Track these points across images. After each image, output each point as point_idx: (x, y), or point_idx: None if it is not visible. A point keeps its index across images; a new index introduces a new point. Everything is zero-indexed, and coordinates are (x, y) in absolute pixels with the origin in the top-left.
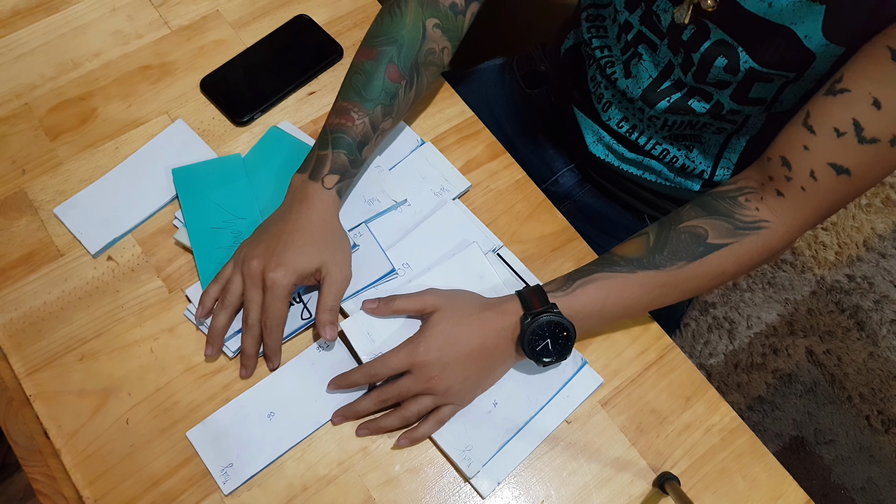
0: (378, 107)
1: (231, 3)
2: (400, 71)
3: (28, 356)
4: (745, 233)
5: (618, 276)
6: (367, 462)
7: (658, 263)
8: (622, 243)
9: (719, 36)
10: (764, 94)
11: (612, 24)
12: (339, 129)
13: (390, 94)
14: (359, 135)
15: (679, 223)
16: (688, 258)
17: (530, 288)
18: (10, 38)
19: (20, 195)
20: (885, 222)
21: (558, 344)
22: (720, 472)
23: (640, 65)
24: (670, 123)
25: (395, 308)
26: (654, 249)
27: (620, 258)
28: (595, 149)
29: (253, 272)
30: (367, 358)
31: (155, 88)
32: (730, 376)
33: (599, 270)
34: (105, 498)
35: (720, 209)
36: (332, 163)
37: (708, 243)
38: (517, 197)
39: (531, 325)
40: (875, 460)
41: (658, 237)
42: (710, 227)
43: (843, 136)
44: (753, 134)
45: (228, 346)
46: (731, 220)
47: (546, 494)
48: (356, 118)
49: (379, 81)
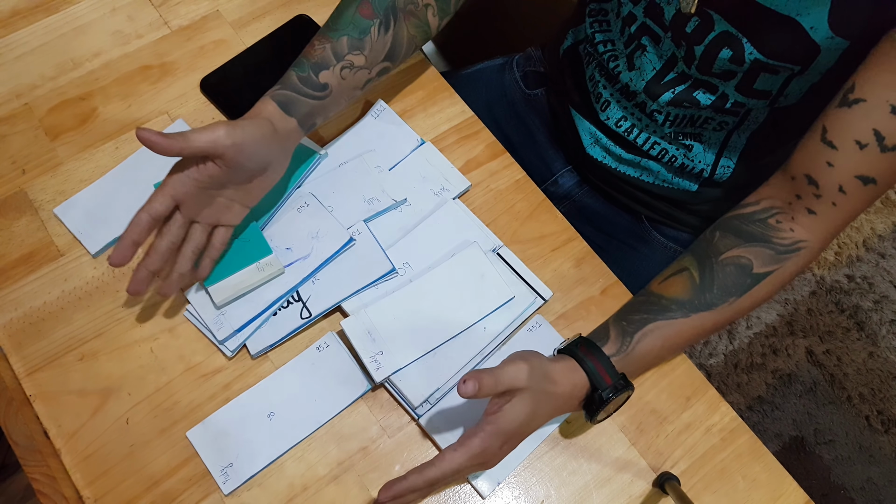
0: (344, 37)
1: (231, 3)
2: (374, 8)
3: (28, 356)
4: (788, 256)
5: (673, 322)
6: (367, 462)
7: (710, 303)
8: (663, 282)
9: (724, 27)
10: (769, 87)
11: (616, 18)
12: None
13: (359, 29)
14: (316, 57)
15: (718, 255)
16: (737, 293)
17: (592, 354)
18: (10, 38)
19: (20, 195)
20: (885, 222)
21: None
22: (720, 472)
23: (644, 56)
24: (672, 117)
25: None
26: (704, 288)
27: (671, 302)
28: (592, 150)
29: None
30: (367, 358)
31: (155, 88)
32: (730, 376)
33: (653, 319)
34: (105, 498)
35: (756, 234)
36: (283, 80)
37: (755, 274)
38: (517, 197)
39: (607, 401)
40: (875, 460)
41: (703, 274)
42: (753, 255)
43: (865, 148)
44: (754, 129)
45: (227, 345)
46: (770, 245)
47: (546, 494)
48: (316, 44)
49: (349, 15)
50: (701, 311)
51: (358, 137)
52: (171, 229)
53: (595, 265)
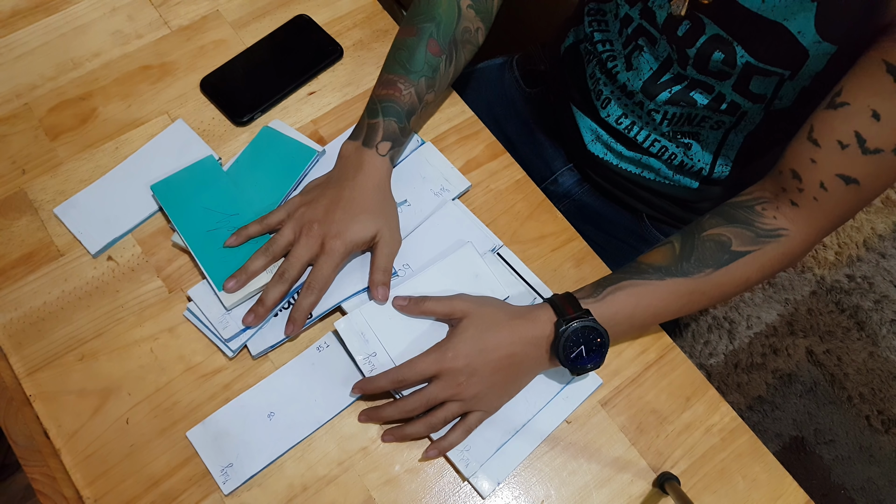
0: (422, 78)
1: (231, 3)
2: (440, 45)
3: (28, 356)
4: (767, 240)
5: (647, 283)
6: (367, 462)
7: (686, 271)
8: (647, 252)
9: (714, 31)
10: (763, 90)
11: (614, 19)
12: (387, 99)
13: (432, 67)
14: (406, 104)
15: (702, 231)
16: (714, 266)
17: (561, 295)
18: (10, 38)
19: (20, 195)
20: (885, 222)
21: (592, 351)
22: (720, 472)
23: (641, 56)
24: (669, 116)
25: (424, 309)
26: (681, 257)
27: (648, 266)
28: (593, 147)
29: (312, 234)
30: (361, 358)
31: (155, 88)
32: (730, 376)
33: (628, 278)
34: (105, 498)
35: (740, 218)
36: (385, 130)
37: (732, 251)
38: (517, 197)
39: (566, 332)
40: (875, 460)
41: (683, 246)
42: (733, 235)
43: (847, 148)
44: (751, 130)
45: (229, 345)
46: (751, 228)
47: (546, 494)
48: (403, 89)
49: (421, 55)
50: (675, 277)
51: None
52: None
53: (595, 265)
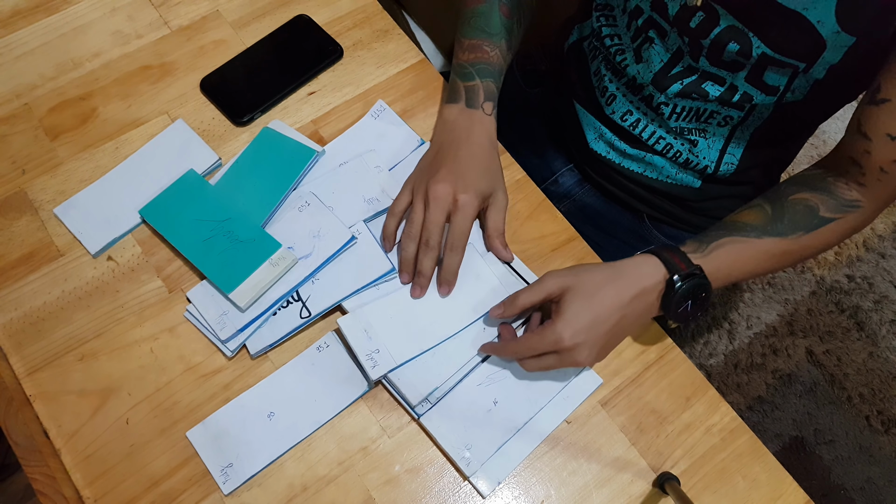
0: (503, 40)
1: (231, 3)
2: (509, 8)
3: (28, 356)
4: (849, 209)
5: (746, 241)
6: (367, 462)
7: (781, 232)
8: (737, 212)
9: (730, 22)
10: (777, 83)
11: (622, 13)
12: (479, 62)
13: (507, 29)
14: (497, 65)
15: (788, 196)
16: (805, 229)
17: (668, 249)
18: (10, 38)
19: (20, 195)
20: (885, 222)
21: (696, 304)
22: (720, 472)
23: (652, 48)
24: (679, 110)
25: (521, 304)
26: (776, 219)
27: (745, 224)
28: (596, 145)
29: (440, 194)
30: (363, 355)
31: (155, 88)
32: (730, 376)
33: (728, 234)
34: (105, 498)
35: (821, 187)
36: (485, 91)
37: (821, 216)
38: (517, 197)
39: (682, 288)
40: (875, 460)
41: (774, 208)
42: (820, 201)
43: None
44: (758, 125)
45: (228, 346)
46: (834, 196)
47: (546, 494)
48: (489, 51)
49: (497, 18)
50: (772, 237)
51: (358, 137)
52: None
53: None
